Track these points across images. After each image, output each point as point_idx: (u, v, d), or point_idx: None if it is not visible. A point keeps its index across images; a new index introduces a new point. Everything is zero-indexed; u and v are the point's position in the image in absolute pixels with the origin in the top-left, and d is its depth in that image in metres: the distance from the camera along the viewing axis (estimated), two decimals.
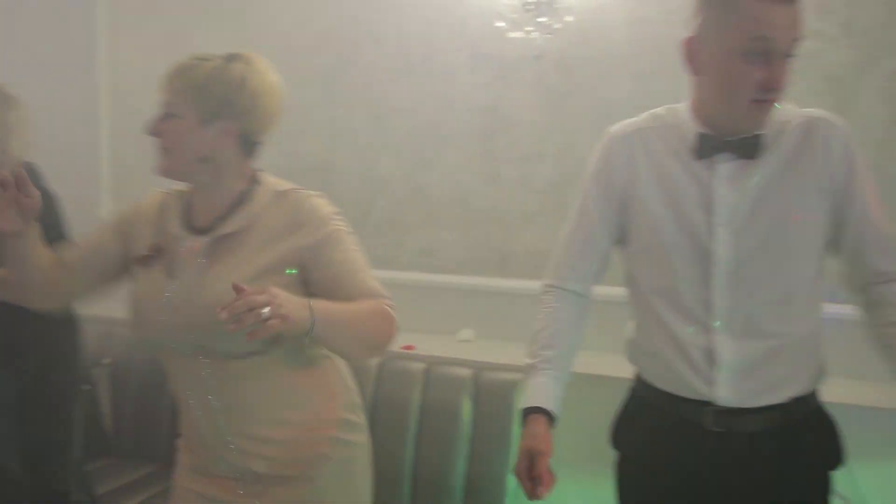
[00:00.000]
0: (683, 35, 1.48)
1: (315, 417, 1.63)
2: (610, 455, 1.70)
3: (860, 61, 2.50)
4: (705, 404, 1.52)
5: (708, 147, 1.51)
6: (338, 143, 3.17)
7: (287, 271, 1.52)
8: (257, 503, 1.60)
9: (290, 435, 1.60)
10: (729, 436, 1.52)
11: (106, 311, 2.98)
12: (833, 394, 1.61)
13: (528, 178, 2.89)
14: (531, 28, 2.75)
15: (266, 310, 1.25)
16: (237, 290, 1.27)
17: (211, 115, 1.51)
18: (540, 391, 1.59)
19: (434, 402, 2.53)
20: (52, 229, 2.00)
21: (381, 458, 2.53)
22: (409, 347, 2.74)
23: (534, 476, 1.50)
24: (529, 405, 1.58)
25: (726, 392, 1.50)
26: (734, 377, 1.50)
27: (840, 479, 1.60)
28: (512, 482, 2.40)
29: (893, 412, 1.58)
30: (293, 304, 1.32)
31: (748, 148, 1.49)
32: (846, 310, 1.58)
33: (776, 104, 1.46)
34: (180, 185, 1.65)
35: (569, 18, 2.74)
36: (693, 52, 1.48)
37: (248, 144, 1.58)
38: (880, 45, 2.48)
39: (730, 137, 1.49)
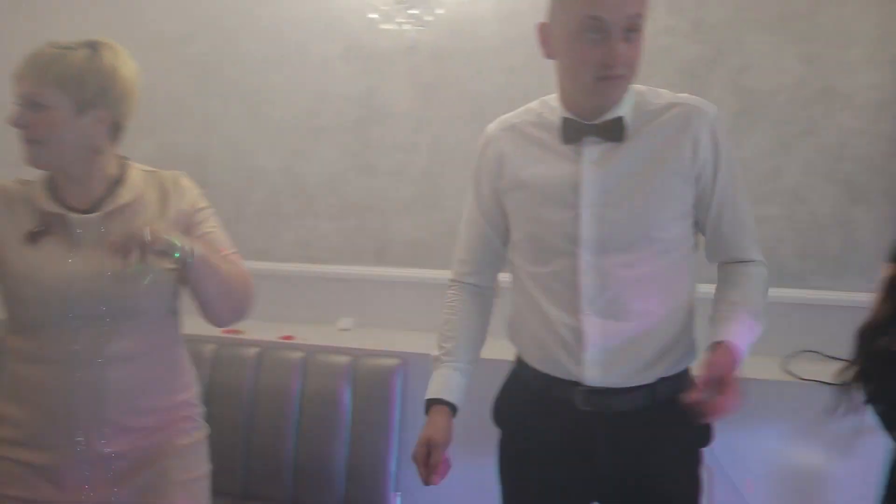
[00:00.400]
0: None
1: (182, 401, 1.70)
2: (494, 433, 1.75)
3: (710, 56, 2.64)
4: (576, 384, 1.57)
5: (573, 131, 1.54)
6: (212, 134, 3.11)
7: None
8: (115, 489, 1.60)
9: (158, 420, 1.64)
10: (599, 415, 1.56)
11: None
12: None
13: (403, 167, 2.92)
14: (403, 20, 2.79)
15: (146, 232, 1.38)
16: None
17: (86, 104, 1.53)
18: (442, 382, 1.65)
19: (314, 390, 2.55)
20: None
21: (262, 448, 2.54)
22: (288, 338, 2.74)
23: (430, 464, 1.56)
24: (431, 396, 1.64)
25: (594, 373, 1.55)
26: (602, 358, 1.54)
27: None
28: (394, 467, 2.45)
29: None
30: (173, 233, 1.46)
31: (612, 131, 1.52)
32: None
33: (626, 80, 1.49)
34: (34, 174, 1.64)
35: (440, 11, 2.79)
36: (545, 37, 1.53)
37: (117, 129, 1.62)
38: (728, 41, 2.63)
39: (594, 121, 1.52)
